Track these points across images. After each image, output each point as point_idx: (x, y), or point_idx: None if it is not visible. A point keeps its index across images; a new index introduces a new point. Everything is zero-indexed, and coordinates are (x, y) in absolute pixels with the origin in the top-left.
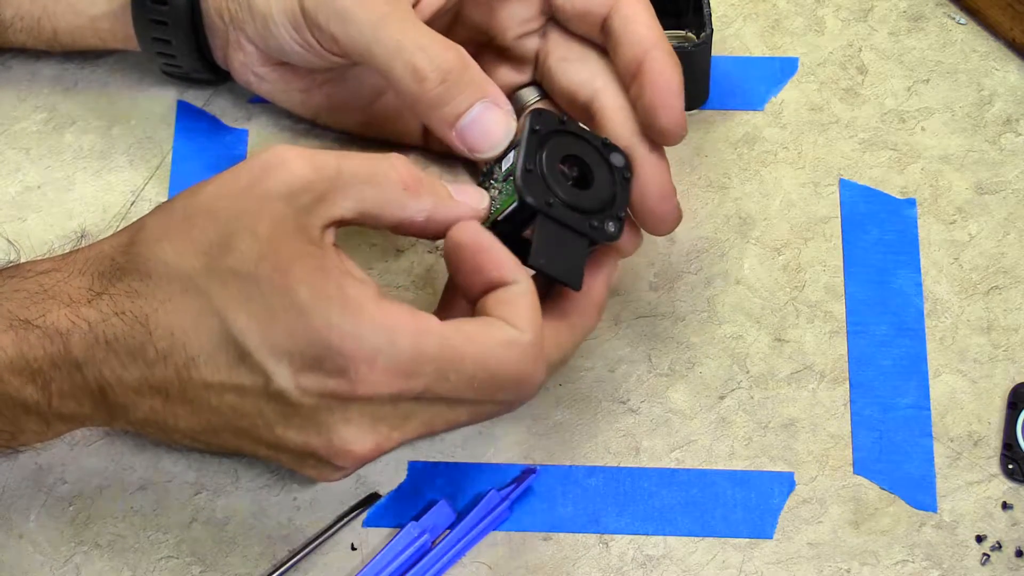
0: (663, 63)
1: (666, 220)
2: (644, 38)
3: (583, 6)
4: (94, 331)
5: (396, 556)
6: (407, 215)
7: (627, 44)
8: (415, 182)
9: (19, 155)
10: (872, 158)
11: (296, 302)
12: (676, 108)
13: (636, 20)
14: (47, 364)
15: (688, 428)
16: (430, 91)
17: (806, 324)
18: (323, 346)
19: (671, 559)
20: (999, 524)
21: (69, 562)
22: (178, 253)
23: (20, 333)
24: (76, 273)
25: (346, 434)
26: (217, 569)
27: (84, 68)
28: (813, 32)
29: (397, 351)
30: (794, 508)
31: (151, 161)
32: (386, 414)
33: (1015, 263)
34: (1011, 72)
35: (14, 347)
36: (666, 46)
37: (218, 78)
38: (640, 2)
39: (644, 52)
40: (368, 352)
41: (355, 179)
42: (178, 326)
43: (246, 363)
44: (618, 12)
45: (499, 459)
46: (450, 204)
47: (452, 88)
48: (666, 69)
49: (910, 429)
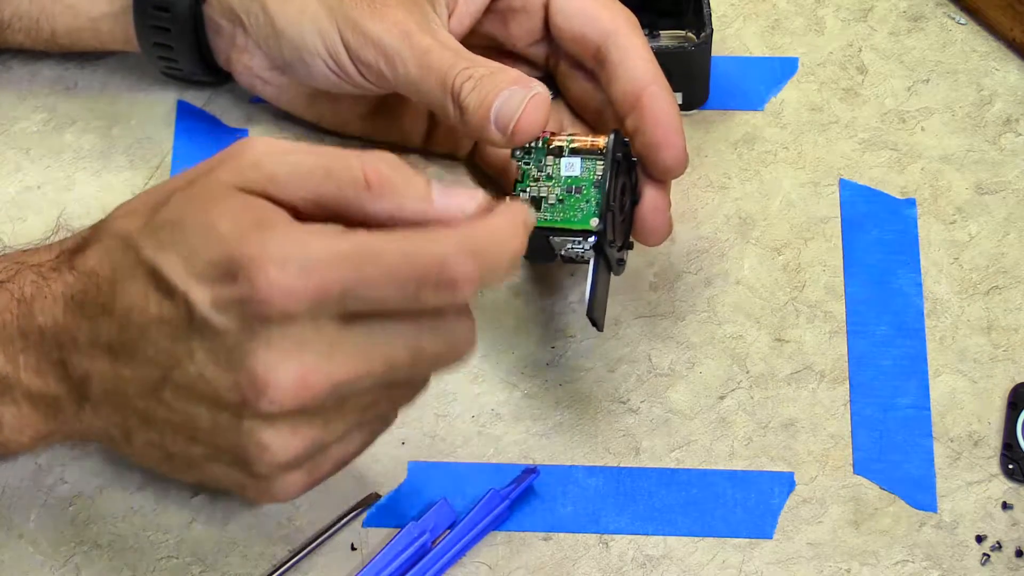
0: (663, 100)
1: (657, 232)
2: (642, 73)
3: (580, 31)
4: (52, 291)
5: (396, 556)
6: (370, 215)
7: (624, 78)
8: (379, 182)
9: (19, 155)
10: (872, 158)
11: (215, 229)
12: (679, 146)
13: (633, 53)
14: (15, 331)
15: (688, 428)
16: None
17: (806, 324)
18: (232, 255)
19: (671, 559)
20: (999, 524)
21: (69, 562)
22: (126, 217)
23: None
24: (46, 249)
25: (268, 359)
26: (217, 569)
27: (84, 68)
28: (813, 32)
29: (309, 251)
30: (794, 508)
31: (151, 161)
32: (308, 337)
33: (1015, 263)
34: (1011, 72)
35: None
36: (663, 82)
37: (218, 80)
38: (636, 34)
39: (642, 88)
40: (278, 256)
41: (312, 173)
42: (115, 278)
43: (172, 298)
44: (615, 42)
45: (499, 459)
46: (418, 207)
47: (482, 88)
48: (666, 107)
49: (910, 429)
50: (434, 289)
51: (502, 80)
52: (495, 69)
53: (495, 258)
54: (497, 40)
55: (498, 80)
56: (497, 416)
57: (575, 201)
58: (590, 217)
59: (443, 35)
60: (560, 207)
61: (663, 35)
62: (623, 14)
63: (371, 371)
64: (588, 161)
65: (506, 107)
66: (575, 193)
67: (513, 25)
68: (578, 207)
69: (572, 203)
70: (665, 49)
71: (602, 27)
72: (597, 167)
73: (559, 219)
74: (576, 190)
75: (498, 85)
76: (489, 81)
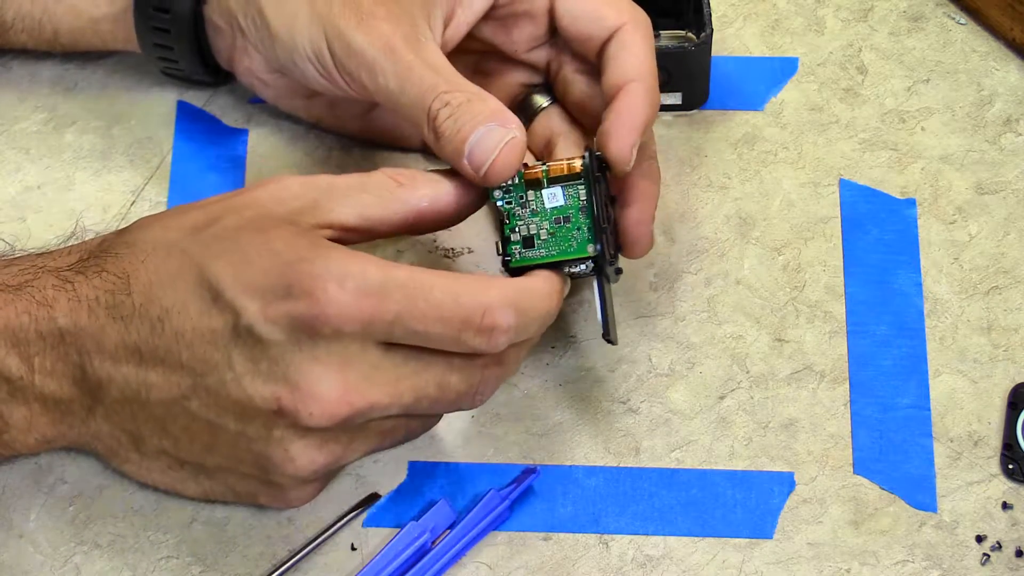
0: (637, 96)
1: (640, 244)
2: (632, 68)
3: (586, 30)
4: (78, 293)
5: (396, 556)
6: (410, 206)
7: (614, 70)
8: (408, 178)
9: (19, 155)
10: (872, 158)
11: (271, 248)
12: (626, 141)
13: (630, 49)
14: (33, 334)
15: (688, 428)
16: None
17: (806, 324)
18: (292, 276)
19: (671, 559)
20: (999, 524)
21: (69, 562)
22: (164, 228)
23: (7, 298)
24: (66, 253)
25: (313, 372)
26: (217, 569)
27: (84, 69)
28: (813, 32)
29: (367, 275)
30: (794, 508)
31: (151, 161)
32: (353, 357)
33: (1015, 263)
34: (1011, 72)
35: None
36: (650, 81)
37: (218, 80)
38: (641, 32)
39: (626, 81)
40: (337, 275)
41: (349, 188)
42: (156, 280)
43: (218, 304)
44: (617, 37)
45: (499, 459)
46: (447, 184)
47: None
48: (638, 102)
49: (910, 429)
50: (475, 333)
51: (480, 112)
52: (474, 96)
53: (532, 314)
54: (496, 46)
55: (475, 111)
56: (497, 416)
57: (567, 231)
58: (586, 244)
59: (429, 51)
60: (553, 240)
61: (663, 35)
62: (630, 11)
63: (401, 399)
64: (569, 188)
65: (481, 146)
66: (564, 223)
67: (515, 31)
68: (571, 237)
69: (564, 234)
70: (665, 49)
71: (608, 25)
72: (580, 192)
73: (556, 252)
74: (565, 219)
75: (475, 117)
76: (467, 111)
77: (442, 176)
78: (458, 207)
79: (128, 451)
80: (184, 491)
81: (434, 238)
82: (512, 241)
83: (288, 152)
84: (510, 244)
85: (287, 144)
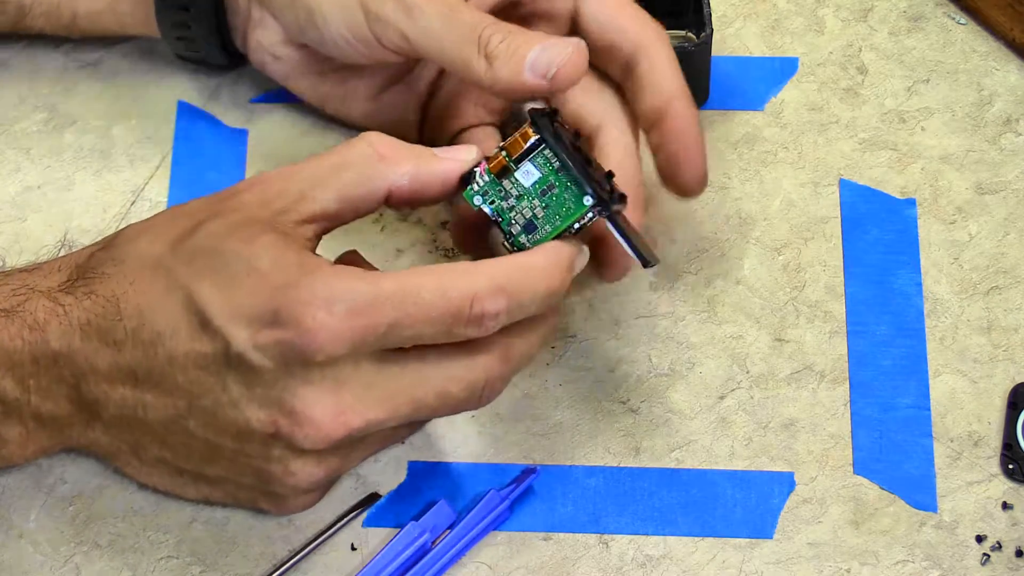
0: (687, 117)
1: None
2: (669, 87)
3: (611, 40)
4: (69, 317)
5: (396, 556)
6: (390, 183)
7: (651, 91)
8: (391, 150)
9: (19, 155)
10: (872, 158)
11: (256, 267)
12: (699, 165)
13: (661, 67)
14: (27, 358)
15: (688, 428)
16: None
17: (806, 324)
18: (280, 301)
19: (671, 559)
20: (999, 524)
21: (69, 562)
22: (150, 242)
23: (1, 323)
24: (56, 270)
25: (307, 396)
26: (217, 569)
27: (84, 68)
28: (813, 32)
29: (355, 294)
30: (794, 508)
31: (151, 161)
32: (348, 377)
33: (1015, 263)
34: (1011, 72)
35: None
36: (688, 97)
37: (232, 63)
38: (665, 47)
39: (667, 102)
40: (324, 299)
41: (330, 169)
42: (145, 304)
43: (207, 331)
44: (645, 54)
45: (499, 459)
46: (432, 161)
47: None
48: (690, 124)
49: (910, 429)
50: (465, 324)
51: (533, 36)
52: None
53: (527, 293)
54: None
55: (529, 35)
56: (497, 416)
57: (558, 197)
58: (581, 199)
59: None
60: (551, 212)
61: None
62: (652, 25)
63: (398, 413)
64: (537, 157)
65: (545, 56)
66: (551, 191)
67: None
68: (564, 200)
69: (557, 201)
70: None
71: (633, 38)
72: (548, 155)
73: (559, 222)
74: (550, 188)
75: (530, 40)
76: (520, 34)
77: (425, 151)
78: (441, 187)
79: (128, 457)
80: (185, 495)
81: (434, 238)
82: (515, 234)
83: (288, 152)
84: (514, 237)
85: (287, 144)
